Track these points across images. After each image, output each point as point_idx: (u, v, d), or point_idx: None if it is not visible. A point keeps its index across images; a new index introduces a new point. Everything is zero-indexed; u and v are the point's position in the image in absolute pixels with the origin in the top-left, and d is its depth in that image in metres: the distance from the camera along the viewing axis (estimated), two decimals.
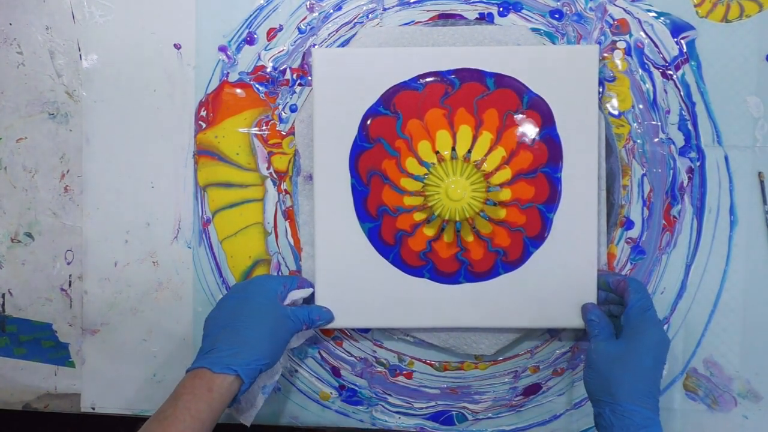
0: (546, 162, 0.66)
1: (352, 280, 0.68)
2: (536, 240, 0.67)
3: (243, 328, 0.62)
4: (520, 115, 0.66)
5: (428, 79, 0.67)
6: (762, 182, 0.69)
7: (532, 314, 0.67)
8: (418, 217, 0.67)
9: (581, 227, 0.67)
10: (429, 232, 0.67)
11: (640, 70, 0.69)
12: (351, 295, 0.68)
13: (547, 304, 0.67)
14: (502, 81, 0.66)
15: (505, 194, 0.66)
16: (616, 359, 0.60)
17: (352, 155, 0.67)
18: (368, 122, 0.67)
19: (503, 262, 0.67)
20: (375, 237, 0.68)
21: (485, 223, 0.66)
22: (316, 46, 0.70)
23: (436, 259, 0.67)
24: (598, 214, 0.67)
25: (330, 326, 0.68)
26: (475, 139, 0.66)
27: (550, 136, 0.66)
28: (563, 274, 0.67)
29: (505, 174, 0.66)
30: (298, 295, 0.67)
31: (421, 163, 0.67)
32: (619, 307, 0.66)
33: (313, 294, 0.69)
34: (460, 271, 0.67)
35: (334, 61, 0.67)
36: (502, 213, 0.67)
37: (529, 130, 0.66)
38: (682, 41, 0.69)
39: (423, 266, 0.68)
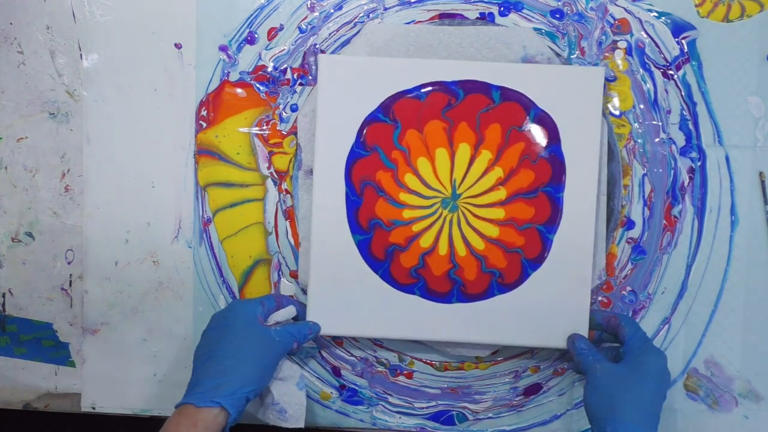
0: (548, 181, 0.66)
1: (343, 289, 0.67)
2: (535, 262, 0.66)
3: (224, 357, 0.61)
4: (526, 130, 0.66)
5: (431, 89, 0.66)
6: (763, 182, 0.69)
7: (525, 333, 0.67)
8: (417, 228, 0.67)
9: (579, 246, 0.66)
10: (424, 243, 0.67)
11: (641, 70, 0.69)
12: (342, 304, 0.67)
13: (540, 324, 0.66)
14: (508, 94, 0.66)
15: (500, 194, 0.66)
16: (619, 380, 0.60)
17: (348, 162, 0.67)
18: (365, 129, 0.67)
19: (498, 283, 0.66)
20: (365, 250, 0.67)
21: (477, 238, 0.66)
22: (320, 52, 0.70)
23: (428, 277, 0.67)
24: (596, 224, 0.67)
25: (320, 333, 0.68)
26: (473, 159, 0.66)
27: (554, 154, 0.66)
28: (558, 295, 0.66)
29: (499, 194, 0.66)
30: (281, 316, 0.66)
31: (424, 183, 0.66)
32: (613, 347, 0.66)
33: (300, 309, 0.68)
34: (453, 291, 0.67)
35: (339, 68, 0.67)
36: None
37: (533, 146, 0.66)
38: (683, 41, 0.69)
39: (414, 284, 0.67)
